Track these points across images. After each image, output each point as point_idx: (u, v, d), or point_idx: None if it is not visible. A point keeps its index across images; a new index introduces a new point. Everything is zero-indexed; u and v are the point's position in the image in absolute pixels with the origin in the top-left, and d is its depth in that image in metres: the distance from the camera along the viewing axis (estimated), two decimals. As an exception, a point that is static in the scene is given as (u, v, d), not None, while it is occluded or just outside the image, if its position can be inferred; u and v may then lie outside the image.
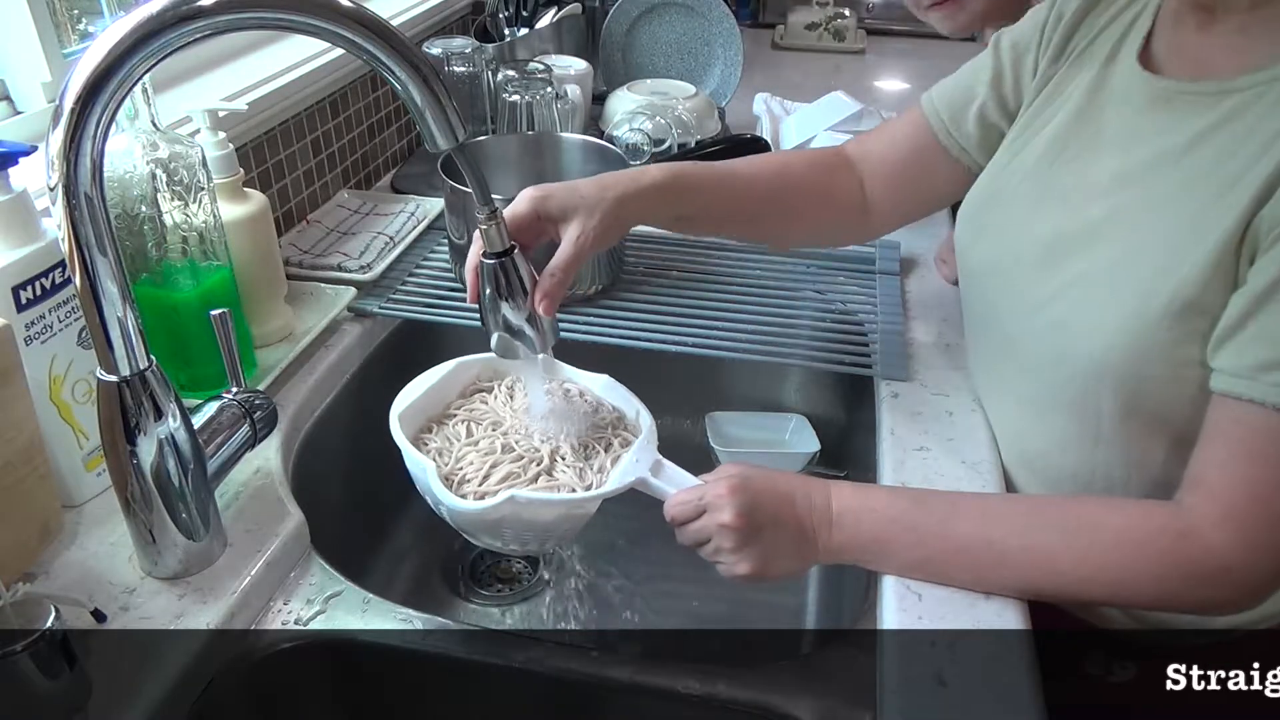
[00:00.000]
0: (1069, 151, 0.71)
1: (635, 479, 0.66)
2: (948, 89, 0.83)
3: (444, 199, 1.05)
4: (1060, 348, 0.67)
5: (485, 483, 0.66)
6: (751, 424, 1.06)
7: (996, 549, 0.62)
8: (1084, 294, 0.65)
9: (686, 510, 0.64)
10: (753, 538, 0.62)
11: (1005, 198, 0.75)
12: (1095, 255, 0.65)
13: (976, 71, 0.81)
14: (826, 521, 0.63)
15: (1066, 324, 0.66)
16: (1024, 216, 0.72)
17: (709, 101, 1.42)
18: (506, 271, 0.65)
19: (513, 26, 1.51)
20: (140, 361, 0.58)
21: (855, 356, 0.92)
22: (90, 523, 0.70)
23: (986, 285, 0.76)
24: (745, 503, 0.62)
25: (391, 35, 0.54)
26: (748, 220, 0.85)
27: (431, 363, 0.76)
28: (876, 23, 2.13)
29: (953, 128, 0.81)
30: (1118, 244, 0.64)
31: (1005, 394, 0.77)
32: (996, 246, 0.74)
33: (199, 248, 0.78)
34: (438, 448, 0.70)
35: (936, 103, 0.82)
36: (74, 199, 0.52)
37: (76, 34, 0.95)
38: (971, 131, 0.80)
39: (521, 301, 0.66)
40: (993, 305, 0.75)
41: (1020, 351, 0.72)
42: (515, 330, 0.68)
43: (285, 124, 1.08)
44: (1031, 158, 0.73)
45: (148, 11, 0.50)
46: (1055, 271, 0.67)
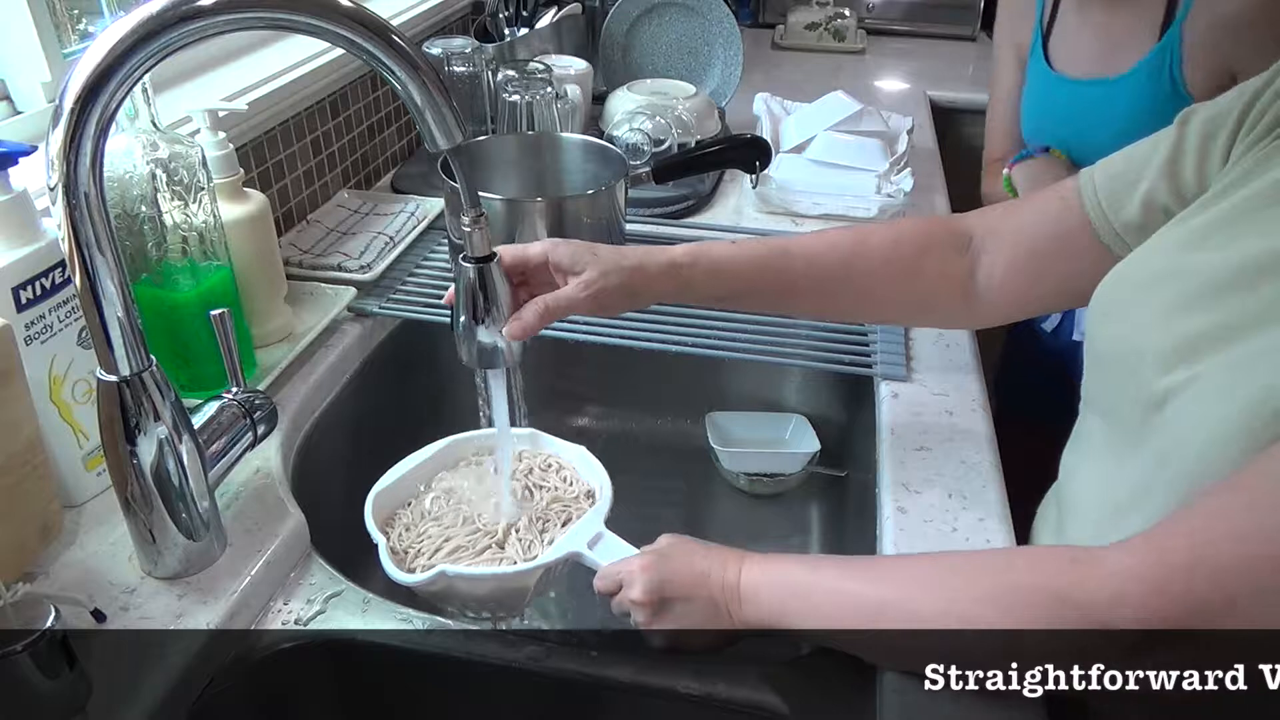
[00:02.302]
0: (1235, 241, 0.60)
1: (569, 552, 0.67)
2: (1113, 166, 0.71)
3: (444, 199, 1.05)
4: (1163, 452, 0.59)
5: (435, 555, 0.68)
6: (751, 424, 1.06)
7: (874, 601, 0.57)
8: (1199, 393, 0.57)
9: (608, 584, 0.65)
10: (662, 613, 0.62)
11: (1149, 281, 0.64)
12: (1225, 354, 0.56)
13: (1152, 149, 0.69)
14: (736, 598, 0.62)
15: (1175, 426, 0.58)
16: (1166, 306, 0.62)
17: (709, 101, 1.42)
18: (484, 279, 0.65)
19: (513, 26, 1.51)
20: (140, 361, 0.58)
21: (855, 356, 0.92)
22: (90, 523, 0.70)
23: (1109, 371, 0.67)
24: (653, 579, 0.62)
25: (391, 35, 0.54)
26: (810, 299, 0.78)
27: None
28: (876, 23, 2.13)
29: (1110, 210, 0.69)
30: (1261, 339, 0.55)
31: (1091, 484, 0.69)
32: (1128, 333, 0.64)
33: (199, 248, 0.78)
34: (406, 523, 0.73)
35: (1096, 178, 0.71)
36: (74, 199, 0.52)
37: (76, 34, 0.95)
38: (1132, 217, 0.68)
39: (494, 312, 0.67)
40: (1111, 392, 0.67)
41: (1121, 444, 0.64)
42: (484, 343, 0.68)
43: (285, 124, 1.08)
44: (1192, 240, 0.63)
45: (148, 11, 0.50)
46: (1179, 370, 0.59)
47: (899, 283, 0.76)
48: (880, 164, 1.25)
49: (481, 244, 0.64)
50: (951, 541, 0.70)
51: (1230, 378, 0.55)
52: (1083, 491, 0.70)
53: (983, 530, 0.71)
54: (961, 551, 0.66)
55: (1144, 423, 0.61)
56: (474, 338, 0.67)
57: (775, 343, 0.93)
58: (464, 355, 0.69)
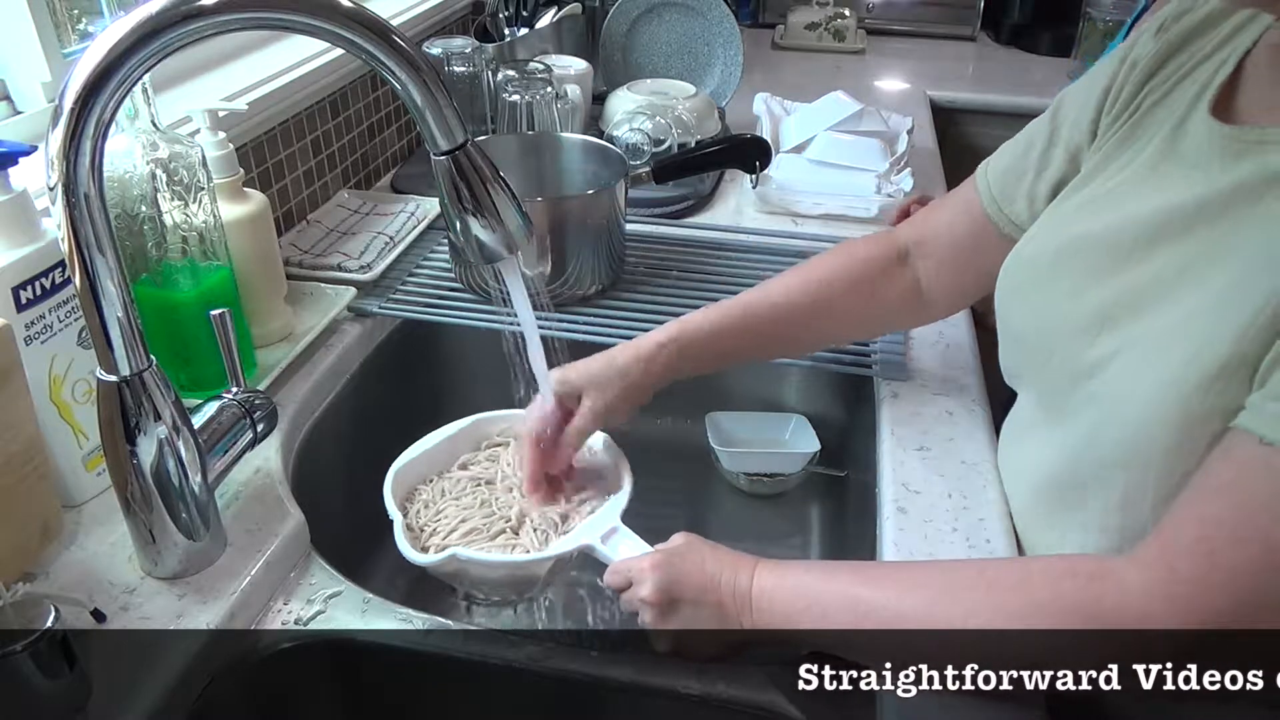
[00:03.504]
0: (1124, 210, 0.63)
1: (582, 544, 0.68)
2: (1001, 162, 0.77)
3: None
4: (1095, 424, 0.61)
5: (450, 536, 0.69)
6: (751, 424, 1.06)
7: (892, 611, 0.57)
8: (1127, 363, 0.59)
9: (618, 580, 0.65)
10: (669, 614, 0.62)
11: (1051, 258, 0.68)
12: (1147, 320, 0.59)
13: (1029, 142, 0.74)
14: (747, 605, 0.62)
15: (1105, 397, 0.60)
16: (1072, 280, 0.65)
17: (709, 101, 1.42)
18: (459, 167, 0.60)
19: (513, 26, 1.51)
20: (140, 361, 0.58)
21: (855, 356, 0.92)
22: (90, 523, 0.70)
23: (1028, 347, 0.70)
24: (663, 579, 0.62)
25: (391, 35, 0.54)
26: (778, 349, 0.86)
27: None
28: (876, 23, 2.13)
29: (1004, 206, 0.75)
30: (1176, 305, 0.57)
31: (1024, 464, 0.73)
32: (1039, 312, 0.68)
33: (199, 248, 0.78)
34: (426, 500, 0.74)
35: (990, 177, 0.77)
36: (74, 199, 0.52)
37: (76, 34, 0.95)
38: (1022, 212, 0.74)
39: (483, 201, 0.62)
40: (1034, 368, 0.70)
41: (1052, 425, 0.67)
42: (481, 237, 0.63)
43: (285, 124, 1.08)
44: (1084, 216, 0.66)
45: (148, 11, 0.50)
46: (1101, 340, 0.61)
47: (859, 310, 0.83)
48: (880, 164, 1.25)
49: (445, 137, 0.59)
50: (951, 541, 0.70)
51: (1153, 346, 0.58)
52: (1019, 460, 0.74)
53: (983, 530, 0.71)
54: (974, 562, 0.66)
55: (1072, 394, 0.64)
56: (470, 232, 0.63)
57: (775, 343, 0.93)
58: (470, 256, 0.66)
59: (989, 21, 2.12)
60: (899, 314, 0.85)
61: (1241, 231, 0.56)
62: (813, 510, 1.05)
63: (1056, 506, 0.67)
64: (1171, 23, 0.66)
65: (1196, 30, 0.65)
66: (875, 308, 0.83)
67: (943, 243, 0.80)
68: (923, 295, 0.82)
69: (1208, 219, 0.58)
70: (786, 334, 0.83)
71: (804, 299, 0.81)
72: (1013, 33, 2.12)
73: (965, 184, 0.80)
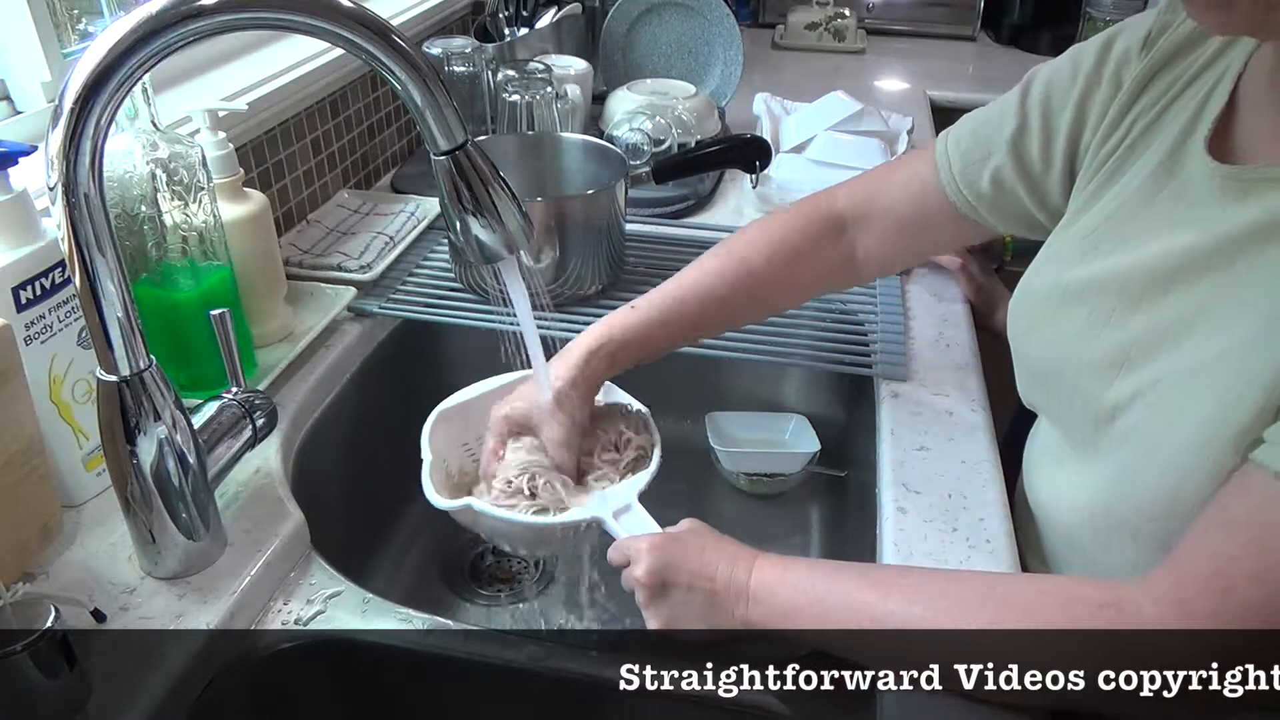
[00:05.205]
0: (1129, 252, 0.63)
1: (592, 516, 0.68)
2: (964, 141, 0.75)
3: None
4: (1127, 468, 0.61)
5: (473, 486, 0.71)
6: (751, 424, 1.06)
7: (898, 620, 0.57)
8: (1153, 408, 0.59)
9: (618, 557, 0.65)
10: (660, 597, 0.63)
11: (1060, 298, 0.67)
12: (1164, 363, 0.59)
13: (999, 122, 0.73)
14: (743, 597, 0.62)
15: (1135, 442, 0.60)
16: (1085, 320, 0.65)
17: (709, 101, 1.42)
18: (459, 166, 0.60)
19: (513, 26, 1.50)
20: (140, 361, 0.58)
21: (855, 356, 0.92)
22: (90, 523, 0.70)
23: (1049, 383, 0.70)
24: (657, 561, 0.62)
25: (391, 35, 0.54)
26: (716, 327, 0.85)
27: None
28: (876, 23, 2.13)
29: (965, 185, 0.74)
30: (1197, 349, 0.57)
31: (1061, 495, 0.72)
32: (1056, 351, 0.67)
33: (199, 248, 0.78)
34: (462, 441, 0.75)
35: (951, 155, 0.75)
36: (74, 199, 0.52)
37: (76, 34, 0.95)
38: (985, 191, 0.73)
39: (482, 201, 0.62)
40: (1056, 403, 0.70)
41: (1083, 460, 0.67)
42: (481, 237, 0.63)
43: (285, 124, 1.08)
44: (1087, 253, 0.66)
45: (148, 11, 0.50)
46: (1120, 383, 0.61)
47: (790, 282, 0.83)
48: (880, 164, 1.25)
49: (445, 137, 0.59)
50: (951, 541, 0.70)
51: (1178, 393, 0.57)
52: (1055, 487, 0.73)
53: (982, 530, 0.71)
54: (984, 577, 0.64)
55: (1096, 434, 0.64)
56: (470, 232, 0.63)
57: (775, 343, 0.93)
58: (470, 256, 0.66)
59: (989, 21, 2.12)
60: (827, 282, 0.86)
61: (1255, 277, 0.56)
62: (813, 510, 1.05)
63: (1103, 540, 0.66)
64: (1156, 37, 0.65)
65: (1182, 48, 0.64)
66: (804, 280, 0.83)
67: (889, 218, 0.80)
68: (856, 265, 0.83)
69: (1219, 265, 0.58)
70: (718, 318, 0.83)
71: (735, 282, 0.80)
72: (1013, 33, 2.12)
73: (917, 156, 0.79)
